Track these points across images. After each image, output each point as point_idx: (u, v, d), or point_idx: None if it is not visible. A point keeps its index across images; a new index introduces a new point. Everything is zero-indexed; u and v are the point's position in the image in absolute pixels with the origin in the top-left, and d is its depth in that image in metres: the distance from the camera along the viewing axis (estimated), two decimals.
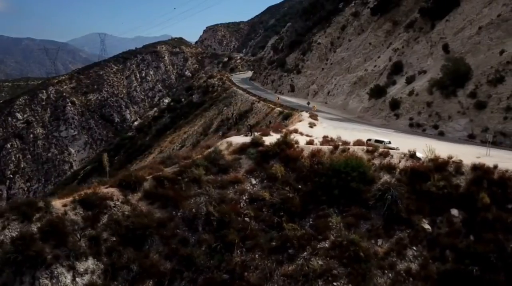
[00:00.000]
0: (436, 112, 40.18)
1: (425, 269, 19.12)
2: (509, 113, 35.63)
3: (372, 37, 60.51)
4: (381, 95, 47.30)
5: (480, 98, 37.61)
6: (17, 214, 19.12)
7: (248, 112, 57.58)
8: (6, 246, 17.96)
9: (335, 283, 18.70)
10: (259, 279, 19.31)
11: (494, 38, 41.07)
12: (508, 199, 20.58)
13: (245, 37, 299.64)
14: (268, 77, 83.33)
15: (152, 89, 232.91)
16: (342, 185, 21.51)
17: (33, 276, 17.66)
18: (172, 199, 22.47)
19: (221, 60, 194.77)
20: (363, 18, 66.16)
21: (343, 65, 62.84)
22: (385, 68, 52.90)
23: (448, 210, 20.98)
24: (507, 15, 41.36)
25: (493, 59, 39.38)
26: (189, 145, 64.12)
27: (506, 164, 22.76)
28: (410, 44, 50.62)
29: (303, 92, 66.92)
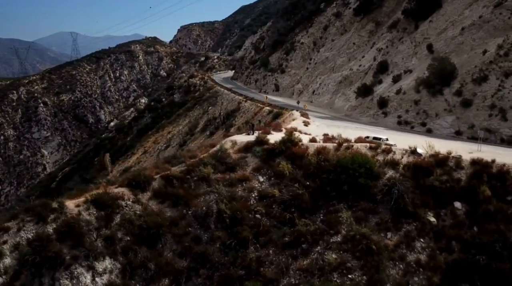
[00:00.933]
0: (424, 110, 41.56)
1: (433, 260, 19.96)
2: (493, 111, 37.28)
3: (355, 37, 61.80)
4: (368, 94, 48.47)
5: (466, 96, 39.18)
6: (32, 215, 18.94)
7: (236, 111, 57.84)
8: (23, 247, 17.77)
9: (350, 276, 19.30)
10: (275, 274, 19.71)
11: (477, 39, 42.80)
12: (507, 191, 21.67)
13: (220, 37, 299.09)
14: (251, 77, 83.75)
15: (126, 89, 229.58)
16: (351, 181, 22.15)
17: (53, 277, 17.56)
18: (183, 198, 22.63)
19: (198, 59, 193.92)
20: (346, 19, 67.43)
21: (327, 65, 63.90)
22: (370, 68, 54.17)
23: (452, 203, 21.91)
24: (488, 17, 43.15)
25: (476, 59, 41.06)
26: (175, 145, 63.90)
27: (500, 158, 23.92)
28: (394, 44, 52.04)
29: (288, 92, 67.67)
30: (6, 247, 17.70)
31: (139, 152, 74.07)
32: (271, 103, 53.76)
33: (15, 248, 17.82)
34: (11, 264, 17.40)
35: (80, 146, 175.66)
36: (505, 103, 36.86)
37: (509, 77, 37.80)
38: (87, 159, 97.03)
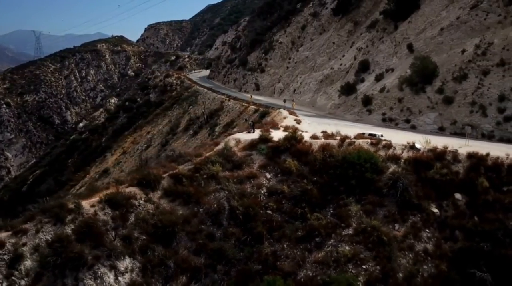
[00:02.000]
0: (407, 108, 43.15)
1: (439, 249, 21.07)
2: (474, 107, 39.18)
3: (335, 37, 63.18)
4: (352, 92, 49.80)
5: (447, 94, 40.96)
6: (50, 216, 18.73)
7: (219, 110, 58.00)
8: (44, 249, 17.59)
9: (364, 266, 20.11)
10: (292, 267, 20.29)
11: (455, 39, 44.75)
12: (503, 182, 23.06)
13: (189, 36, 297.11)
14: (229, 76, 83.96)
15: (93, 89, 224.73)
16: (358, 175, 22.98)
17: (76, 278, 17.48)
18: (193, 196, 22.83)
19: (169, 59, 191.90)
20: (324, 19, 68.78)
21: (307, 64, 65.02)
22: (351, 67, 55.59)
23: (452, 194, 23.12)
24: (465, 18, 45.19)
25: (456, 58, 42.95)
26: (157, 145, 63.39)
27: (489, 151, 25.34)
28: (375, 43, 53.63)
29: (268, 90, 68.40)
30: (26, 249, 17.46)
31: (117, 153, 72.95)
32: (255, 102, 54.28)
33: (35, 250, 17.61)
34: (32, 266, 17.20)
35: (47, 148, 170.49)
36: (484, 100, 38.80)
37: (487, 76, 39.79)
38: (59, 161, 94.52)
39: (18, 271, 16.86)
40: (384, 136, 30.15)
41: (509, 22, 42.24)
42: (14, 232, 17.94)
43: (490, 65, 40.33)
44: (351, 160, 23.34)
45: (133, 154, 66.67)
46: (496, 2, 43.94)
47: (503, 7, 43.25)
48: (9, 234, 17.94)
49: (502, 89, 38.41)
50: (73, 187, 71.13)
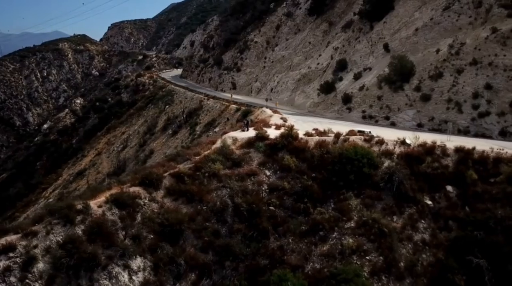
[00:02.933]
0: (387, 105, 44.71)
1: (435, 238, 22.18)
2: (450, 104, 41.12)
3: (311, 37, 64.34)
4: (331, 91, 51.00)
5: (424, 91, 42.79)
6: (59, 217, 18.51)
7: (198, 110, 57.88)
8: (56, 251, 17.37)
9: (368, 257, 20.94)
10: (299, 260, 20.85)
11: (429, 39, 46.76)
12: (489, 174, 24.46)
13: (154, 35, 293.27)
14: (203, 75, 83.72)
15: (56, 90, 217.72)
16: (356, 170, 23.81)
17: (90, 278, 17.38)
18: (197, 194, 22.98)
19: (136, 58, 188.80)
20: (299, 19, 69.90)
21: (284, 63, 65.88)
22: (328, 66, 56.86)
23: (444, 187, 24.32)
24: (438, 19, 47.30)
25: (431, 57, 44.91)
26: (134, 145, 62.56)
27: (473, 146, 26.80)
28: (351, 43, 55.09)
29: (245, 90, 68.82)
30: (37, 251, 17.21)
31: (91, 154, 71.37)
32: (236, 101, 54.58)
33: (46, 252, 17.38)
34: (45, 269, 16.97)
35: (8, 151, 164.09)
36: (459, 97, 40.80)
37: (461, 74, 41.85)
38: (27, 164, 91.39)
39: (31, 273, 16.61)
40: (372, 133, 31.20)
41: (479, 23, 44.56)
42: (24, 235, 17.63)
43: (464, 64, 42.45)
44: (349, 156, 24.13)
45: (109, 154, 65.49)
46: (467, 4, 46.26)
47: (473, 9, 45.58)
48: (19, 236, 17.62)
49: (475, 87, 40.53)
50: (45, 190, 69.12)
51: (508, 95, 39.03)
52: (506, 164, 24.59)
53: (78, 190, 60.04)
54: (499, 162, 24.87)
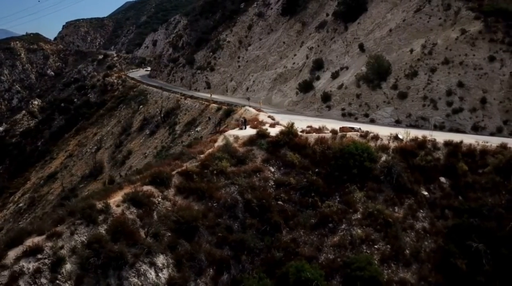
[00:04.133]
0: (365, 103, 46.48)
1: (434, 226, 23.73)
2: (426, 102, 43.34)
3: (285, 37, 65.54)
4: (309, 90, 52.32)
5: (401, 89, 44.82)
6: (82, 218, 18.45)
7: (176, 109, 57.62)
8: (83, 251, 17.37)
9: (376, 246, 22.18)
10: (312, 252, 21.77)
11: (403, 39, 48.94)
12: (478, 165, 26.37)
13: (111, 34, 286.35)
14: (174, 75, 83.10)
15: (8, 91, 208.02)
16: (358, 165, 25.00)
17: (119, 276, 17.50)
18: (207, 191, 23.38)
19: (96, 57, 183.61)
20: (271, 19, 70.98)
21: (259, 63, 66.72)
22: (304, 65, 58.21)
23: (437, 178, 25.99)
24: (410, 20, 49.58)
25: (405, 56, 47.06)
26: (110, 146, 61.39)
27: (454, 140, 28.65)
28: (327, 43, 56.69)
29: (220, 89, 69.10)
30: (64, 252, 17.13)
31: (61, 156, 69.31)
32: (216, 101, 54.85)
33: (72, 252, 17.34)
34: (73, 269, 16.94)
35: None
36: (434, 95, 43.09)
37: (435, 73, 44.17)
38: None
39: (60, 274, 16.54)
40: (362, 129, 32.57)
41: (449, 25, 47.14)
42: (48, 236, 17.48)
43: (437, 63, 44.80)
44: (351, 151, 25.28)
45: (82, 156, 63.89)
46: (437, 6, 48.77)
47: (443, 12, 48.12)
48: (43, 238, 17.45)
49: (449, 85, 42.92)
50: (13, 194, 66.53)
51: (479, 93, 41.64)
52: (492, 155, 26.59)
53: (51, 193, 58.36)
54: (486, 154, 26.86)
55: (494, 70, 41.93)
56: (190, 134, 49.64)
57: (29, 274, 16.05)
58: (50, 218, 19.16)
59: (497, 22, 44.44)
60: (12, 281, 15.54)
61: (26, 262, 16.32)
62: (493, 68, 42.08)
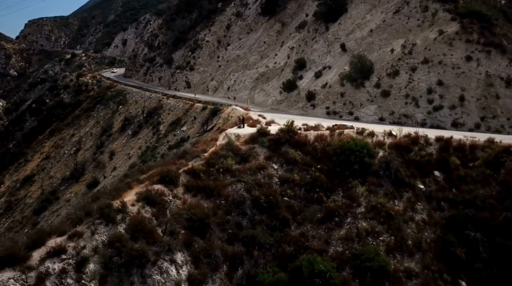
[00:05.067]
0: (350, 101, 47.77)
1: (432, 218, 24.95)
2: (408, 99, 45.04)
3: (265, 36, 66.23)
4: (293, 89, 53.22)
5: (384, 88, 46.37)
6: (100, 217, 18.45)
7: (158, 109, 57.22)
8: (105, 250, 17.38)
9: (381, 238, 23.12)
10: (321, 245, 22.47)
11: (383, 39, 50.59)
12: (468, 159, 27.85)
13: (77, 33, 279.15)
14: (152, 74, 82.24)
15: None
16: (358, 161, 25.91)
17: (142, 274, 17.63)
18: (215, 189, 23.69)
19: (63, 57, 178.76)
20: (250, 19, 71.52)
21: (240, 62, 67.11)
22: (286, 65, 59.10)
23: (432, 172, 27.28)
24: (390, 21, 51.30)
25: (386, 56, 48.69)
26: (91, 147, 60.25)
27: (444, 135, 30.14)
28: (308, 43, 57.76)
29: (200, 88, 69.02)
30: (87, 252, 17.12)
31: (37, 158, 67.40)
32: (200, 100, 54.87)
33: (95, 252, 17.34)
34: (96, 269, 16.95)
35: None
36: (416, 93, 44.84)
37: (415, 72, 45.96)
38: None
39: (85, 274, 16.54)
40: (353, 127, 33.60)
41: (427, 25, 49.09)
42: (69, 236, 17.40)
43: (417, 62, 46.62)
44: (351, 147, 26.17)
45: (60, 158, 62.37)
46: (415, 8, 50.68)
47: (421, 13, 50.06)
48: (64, 238, 17.35)
49: (429, 83, 44.76)
50: None
51: (457, 91, 43.64)
52: (481, 150, 28.13)
53: (29, 196, 56.77)
54: (475, 148, 28.39)
55: (471, 69, 44.09)
56: (176, 134, 49.54)
57: (55, 274, 15.96)
58: (67, 218, 19.00)
59: (472, 24, 46.77)
60: (39, 282, 15.44)
61: (51, 262, 16.22)
62: (470, 68, 44.24)
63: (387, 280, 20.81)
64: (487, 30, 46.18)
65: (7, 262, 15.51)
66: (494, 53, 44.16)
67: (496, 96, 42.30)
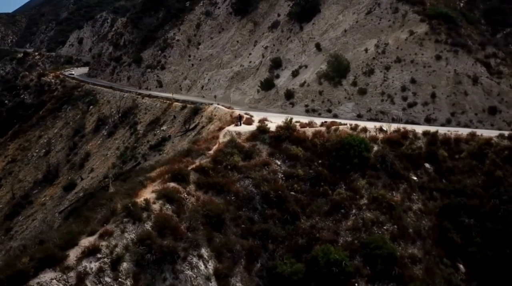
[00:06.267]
0: (328, 99, 49.34)
1: (427, 207, 26.66)
2: (384, 97, 47.18)
3: (238, 36, 66.77)
4: (271, 88, 54.17)
5: (361, 86, 48.30)
6: (128, 216, 18.53)
7: (134, 109, 56.35)
8: (135, 248, 17.53)
9: (385, 227, 24.47)
10: (331, 236, 23.49)
11: (357, 39, 52.60)
12: (454, 152, 29.91)
13: (25, 31, 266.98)
14: (119, 74, 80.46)
15: None
16: (357, 155, 27.17)
17: (174, 270, 17.92)
18: (224, 186, 24.14)
19: (15, 56, 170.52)
20: (221, 18, 71.80)
21: (213, 61, 67.25)
22: (261, 64, 59.99)
23: (423, 164, 29.06)
24: (362, 22, 53.41)
25: (361, 55, 50.68)
26: (63, 149, 58.31)
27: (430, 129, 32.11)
28: (283, 42, 58.92)
29: (172, 87, 68.47)
30: (119, 250, 17.21)
31: (1, 161, 64.30)
32: (178, 99, 54.60)
33: (126, 250, 17.45)
34: (129, 267, 17.09)
35: None
36: (391, 90, 47.05)
37: (389, 70, 48.22)
38: None
39: (120, 272, 16.68)
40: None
41: (397, 26, 51.54)
42: (100, 235, 17.41)
43: (390, 61, 48.91)
44: (350, 142, 27.38)
45: (28, 161, 59.94)
46: (386, 9, 53.05)
47: (391, 14, 52.49)
48: (95, 237, 17.35)
49: (403, 81, 47.13)
50: None
51: (429, 88, 46.22)
52: (465, 142, 30.28)
53: None
54: (459, 141, 30.51)
55: (441, 68, 46.81)
56: (156, 134, 49.17)
57: (93, 274, 15.98)
58: (93, 217, 18.90)
59: (440, 25, 49.62)
60: (80, 281, 15.43)
61: (87, 262, 16.21)
62: (440, 66, 46.96)
63: (396, 266, 22.12)
64: (454, 31, 49.13)
65: (47, 262, 15.39)
66: (461, 52, 47.08)
67: (465, 93, 45.15)
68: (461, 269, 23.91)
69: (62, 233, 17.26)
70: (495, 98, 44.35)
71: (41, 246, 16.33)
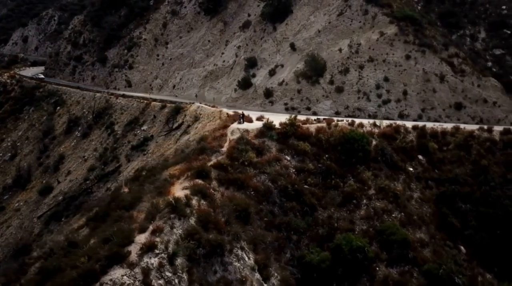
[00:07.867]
0: (306, 97, 51.04)
1: (424, 195, 28.90)
2: (360, 94, 49.60)
3: (209, 35, 66.90)
4: (248, 86, 55.06)
5: (337, 84, 50.42)
6: (173, 212, 18.90)
7: (108, 109, 55.00)
8: (185, 243, 17.97)
9: (393, 215, 26.37)
10: (348, 225, 25.02)
11: (330, 39, 54.73)
12: (442, 144, 32.49)
13: None
14: (82, 73, 77.69)
15: None
16: (361, 149, 28.87)
17: (222, 262, 18.55)
18: (244, 181, 24.91)
19: None
20: (189, 17, 71.50)
21: (184, 61, 66.89)
22: (235, 63, 60.66)
23: (416, 156, 31.37)
24: (334, 23, 55.63)
25: (336, 55, 52.85)
26: (32, 152, 55.68)
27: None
28: (257, 42, 59.91)
29: (141, 87, 67.35)
30: (173, 246, 17.60)
31: None
32: (155, 99, 54.02)
33: (177, 245, 17.86)
34: (182, 261, 17.53)
35: None
36: (366, 88, 49.56)
37: (363, 69, 50.74)
38: None
39: (177, 267, 17.10)
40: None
41: (368, 27, 54.24)
42: (152, 232, 17.70)
43: (363, 61, 51.45)
44: (354, 137, 29.06)
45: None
46: (356, 11, 55.59)
47: (362, 16, 55.11)
48: (148, 234, 17.62)
49: (377, 80, 49.79)
50: None
51: (401, 86, 49.22)
52: (451, 135, 32.96)
53: None
54: (445, 134, 33.17)
55: (410, 67, 49.96)
56: (137, 134, 48.54)
57: (154, 269, 16.30)
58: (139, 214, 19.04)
59: (407, 26, 52.86)
60: (145, 277, 15.72)
61: (148, 258, 16.49)
62: (409, 65, 50.09)
63: (410, 249, 23.97)
64: (420, 32, 52.52)
65: (114, 260, 15.56)
66: (428, 52, 50.48)
67: (433, 90, 48.51)
68: (462, 250, 26.22)
69: (114, 230, 17.29)
70: (460, 95, 48.01)
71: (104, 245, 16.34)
